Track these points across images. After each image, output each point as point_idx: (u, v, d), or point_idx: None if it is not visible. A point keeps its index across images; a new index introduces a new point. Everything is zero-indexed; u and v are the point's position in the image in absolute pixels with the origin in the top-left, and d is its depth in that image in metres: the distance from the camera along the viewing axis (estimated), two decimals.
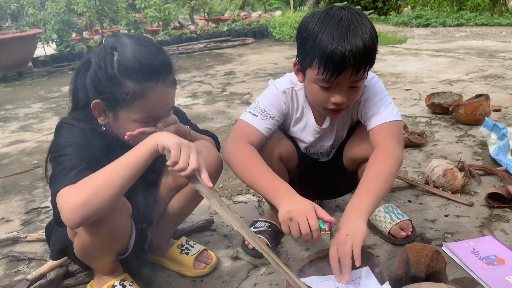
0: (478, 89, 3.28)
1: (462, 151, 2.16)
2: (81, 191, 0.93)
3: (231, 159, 1.26)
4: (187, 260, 1.34)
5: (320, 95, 1.21)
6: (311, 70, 1.17)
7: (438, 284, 0.85)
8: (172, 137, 0.95)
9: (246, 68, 4.83)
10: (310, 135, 1.40)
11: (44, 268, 1.32)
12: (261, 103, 1.32)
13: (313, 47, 1.12)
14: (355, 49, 1.09)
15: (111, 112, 1.06)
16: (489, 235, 1.45)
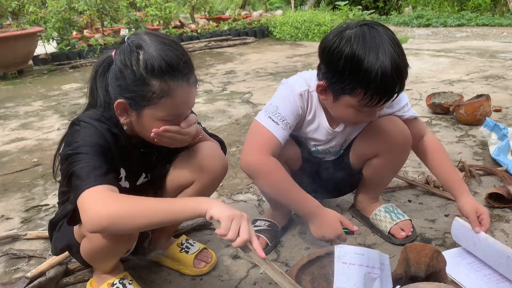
0: (479, 89, 3.28)
1: (463, 151, 2.16)
2: (111, 207, 0.92)
3: (258, 175, 1.25)
4: (186, 258, 1.34)
5: (355, 117, 1.21)
6: (350, 97, 1.14)
7: (437, 284, 0.84)
8: (225, 210, 0.92)
9: (247, 67, 4.83)
10: (322, 137, 1.38)
11: (43, 266, 1.32)
12: (281, 109, 1.27)
13: (358, 76, 1.09)
14: (400, 71, 1.09)
15: (135, 111, 1.05)
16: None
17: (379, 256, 1.04)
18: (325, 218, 1.24)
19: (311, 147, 1.45)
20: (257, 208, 1.73)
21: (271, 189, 1.26)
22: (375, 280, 1.00)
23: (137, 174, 1.22)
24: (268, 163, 1.22)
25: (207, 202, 0.95)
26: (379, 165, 1.42)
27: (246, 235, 0.92)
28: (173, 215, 0.95)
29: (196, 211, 0.94)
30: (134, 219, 0.93)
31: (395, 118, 1.37)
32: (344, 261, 1.00)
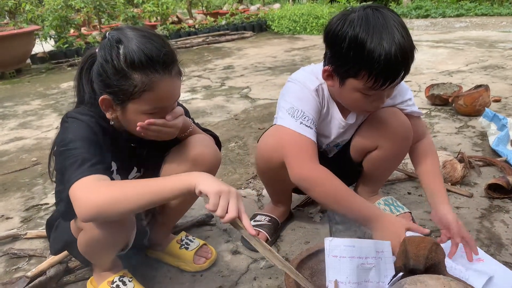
0: (478, 79, 3.27)
1: (462, 142, 2.15)
2: (102, 193, 0.94)
3: (314, 186, 1.21)
4: (186, 255, 1.35)
5: (362, 102, 1.19)
6: (355, 80, 1.13)
7: (437, 276, 0.84)
8: (212, 184, 0.93)
9: (245, 62, 4.82)
10: (334, 130, 1.36)
11: (44, 265, 1.32)
12: (307, 112, 1.24)
13: (361, 58, 1.07)
14: (405, 53, 1.07)
15: (119, 106, 1.05)
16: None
17: (374, 245, 1.04)
18: (389, 224, 1.16)
19: (322, 145, 1.43)
20: (257, 203, 1.73)
21: (328, 198, 1.21)
22: (370, 270, 1.00)
23: (129, 168, 1.22)
24: (321, 173, 1.20)
25: (196, 177, 0.96)
26: (379, 158, 1.41)
27: (234, 213, 0.92)
28: (162, 194, 0.95)
29: (185, 187, 0.95)
30: (123, 203, 0.93)
31: (397, 110, 1.35)
32: (334, 255, 1.00)
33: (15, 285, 1.27)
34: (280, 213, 1.54)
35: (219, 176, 1.98)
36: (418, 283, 0.82)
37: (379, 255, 1.03)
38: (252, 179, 1.93)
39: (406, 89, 1.37)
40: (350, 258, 1.00)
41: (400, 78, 1.12)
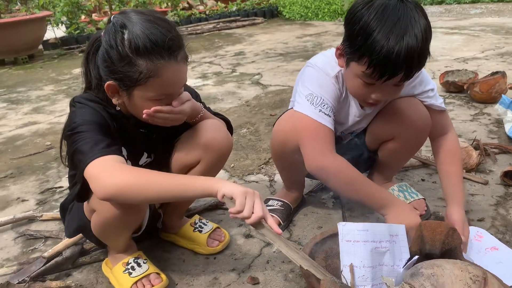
0: (494, 66, 3.20)
1: (477, 130, 2.12)
2: (126, 175, 0.95)
3: (329, 175, 1.21)
4: (200, 238, 1.35)
5: (361, 89, 1.17)
6: (357, 65, 1.11)
7: (453, 261, 0.84)
8: (237, 187, 0.94)
9: (256, 48, 4.78)
10: (351, 118, 1.35)
11: (59, 246, 1.34)
12: (327, 100, 1.22)
13: (366, 44, 1.05)
14: (410, 55, 1.03)
15: (125, 92, 1.05)
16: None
17: (388, 229, 1.03)
18: (402, 207, 1.17)
19: (337, 132, 1.40)
20: (269, 189, 1.73)
21: (344, 187, 1.22)
22: (384, 254, 1.00)
23: (139, 153, 1.22)
24: (336, 162, 1.20)
25: (219, 181, 0.96)
26: (395, 148, 1.39)
27: (261, 212, 0.93)
28: (183, 191, 0.96)
29: (207, 190, 0.95)
30: (144, 190, 0.94)
31: (416, 101, 1.32)
32: (348, 239, 0.99)
33: (32, 265, 1.29)
34: (292, 198, 1.54)
35: (231, 162, 1.98)
36: (435, 267, 0.81)
37: (393, 238, 1.02)
38: (264, 164, 1.93)
39: (427, 79, 1.33)
40: (364, 242, 0.99)
41: (400, 77, 1.08)
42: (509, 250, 1.29)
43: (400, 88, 1.17)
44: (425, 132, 1.35)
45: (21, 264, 1.33)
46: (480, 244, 1.31)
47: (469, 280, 0.78)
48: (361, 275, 0.95)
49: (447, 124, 1.37)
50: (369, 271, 0.96)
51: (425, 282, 0.79)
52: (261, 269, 1.26)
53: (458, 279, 0.78)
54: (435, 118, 1.34)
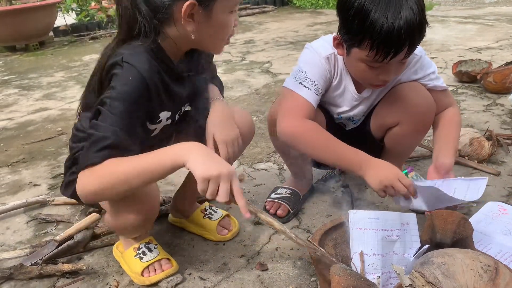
0: (509, 56, 3.15)
1: (490, 120, 2.09)
2: (96, 182, 0.94)
3: (298, 139, 1.21)
4: (210, 224, 1.36)
5: (367, 73, 1.17)
6: (359, 50, 1.11)
7: (465, 250, 0.83)
8: (201, 166, 0.89)
9: (266, 36, 4.75)
10: (347, 102, 1.35)
11: (71, 230, 1.36)
12: (310, 75, 1.24)
13: (364, 27, 1.05)
14: (411, 28, 1.03)
15: (204, 10, 0.93)
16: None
17: (399, 217, 1.03)
18: (379, 164, 1.16)
19: (334, 115, 1.42)
20: (278, 177, 1.73)
21: (315, 150, 1.21)
22: (395, 242, 1.00)
23: (180, 106, 1.16)
24: (306, 125, 1.20)
25: (185, 153, 0.91)
26: (401, 134, 1.38)
27: (224, 198, 0.90)
28: (151, 175, 0.93)
29: (175, 165, 0.91)
30: (116, 188, 0.94)
31: (419, 86, 1.32)
32: (358, 227, 0.99)
33: (44, 247, 1.32)
34: (301, 186, 1.54)
35: None
36: (446, 256, 0.81)
37: (404, 227, 1.02)
38: (273, 153, 1.93)
39: (428, 63, 1.33)
40: (375, 231, 0.99)
41: (404, 53, 1.08)
42: None
43: (405, 63, 1.18)
44: (430, 116, 1.35)
45: (34, 247, 1.35)
46: (509, 216, 1.34)
47: (480, 269, 0.77)
48: (371, 263, 0.95)
49: (450, 102, 1.39)
50: (379, 259, 0.96)
51: (435, 271, 0.78)
52: (270, 255, 1.27)
53: (469, 268, 0.77)
54: (438, 98, 1.34)
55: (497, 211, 1.38)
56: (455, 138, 1.34)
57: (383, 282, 0.95)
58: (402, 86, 1.32)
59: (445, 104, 1.37)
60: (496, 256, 1.18)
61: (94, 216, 1.41)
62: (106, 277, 1.23)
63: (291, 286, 1.14)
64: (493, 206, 1.40)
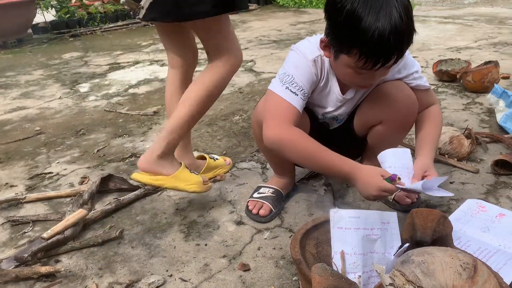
0: (487, 56, 3.21)
1: (469, 119, 2.13)
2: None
3: (284, 147, 1.19)
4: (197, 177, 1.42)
5: (354, 77, 1.17)
6: (347, 57, 1.10)
7: (444, 248, 0.84)
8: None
9: (249, 35, 4.74)
10: (331, 103, 1.35)
11: (59, 227, 1.33)
12: (297, 79, 1.23)
13: (354, 35, 1.04)
14: (401, 38, 1.03)
15: None
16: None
17: (380, 216, 1.03)
18: (363, 176, 1.15)
19: (318, 115, 1.42)
20: (261, 176, 1.72)
21: (302, 158, 1.20)
22: (375, 241, 1.00)
23: None
24: (292, 134, 1.19)
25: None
26: (383, 132, 1.39)
27: None
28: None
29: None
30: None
31: (402, 84, 1.33)
32: (339, 226, 0.99)
33: (32, 245, 1.28)
34: (284, 185, 1.54)
35: (223, 149, 1.97)
36: (425, 255, 0.81)
37: (385, 226, 1.02)
38: (256, 152, 1.92)
39: (412, 62, 1.34)
40: (356, 230, 0.99)
41: (393, 60, 1.09)
42: None
43: (390, 67, 1.17)
44: (413, 114, 1.36)
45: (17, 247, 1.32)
46: (487, 214, 1.37)
47: (459, 267, 0.78)
48: (352, 262, 0.95)
49: (432, 100, 1.40)
50: (360, 258, 0.96)
51: (415, 270, 0.79)
52: (252, 255, 1.26)
53: (448, 266, 0.78)
54: (421, 97, 1.35)
55: (476, 208, 1.40)
56: (436, 136, 1.35)
57: (364, 281, 0.95)
58: (386, 84, 1.32)
59: (427, 102, 1.38)
60: (475, 253, 1.20)
61: (82, 212, 1.39)
62: (84, 279, 1.21)
63: (273, 286, 1.13)
64: (472, 203, 1.42)
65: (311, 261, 1.01)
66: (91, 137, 2.24)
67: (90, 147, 2.10)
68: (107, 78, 3.36)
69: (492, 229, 1.30)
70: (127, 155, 1.98)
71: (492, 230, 1.29)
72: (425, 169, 1.23)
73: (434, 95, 1.43)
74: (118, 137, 2.21)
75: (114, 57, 4.07)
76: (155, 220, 1.47)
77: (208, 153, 1.83)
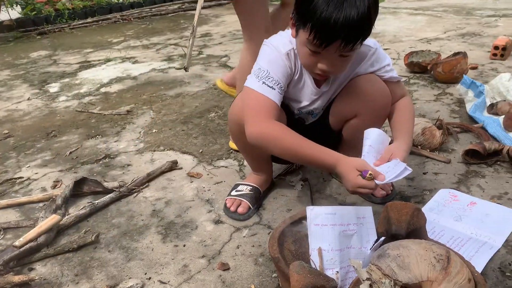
0: (456, 47, 3.28)
1: (440, 109, 2.17)
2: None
3: (268, 143, 1.19)
4: None
5: (309, 58, 1.18)
6: (303, 32, 1.12)
7: (419, 241, 0.86)
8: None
9: (223, 29, 4.70)
10: (307, 97, 1.36)
11: (31, 234, 1.30)
12: (273, 73, 1.23)
13: (308, 10, 1.06)
14: (348, 23, 1.03)
15: None
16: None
17: (355, 211, 1.04)
18: (343, 171, 1.13)
19: (294, 110, 1.42)
20: (239, 173, 1.72)
21: (285, 152, 1.20)
22: (351, 236, 1.02)
23: None
24: (274, 128, 1.19)
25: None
26: (358, 125, 1.41)
27: None
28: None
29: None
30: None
31: (375, 77, 1.35)
32: (316, 223, 1.00)
33: (3, 253, 1.24)
34: (261, 182, 1.54)
35: (199, 147, 1.96)
36: (400, 248, 0.83)
37: (361, 221, 1.04)
38: (233, 149, 1.91)
39: (383, 55, 1.36)
40: (332, 226, 1.00)
41: (338, 47, 1.09)
42: (485, 202, 1.41)
43: (347, 60, 1.18)
44: (386, 107, 1.38)
45: None
46: (460, 203, 1.42)
47: (433, 259, 0.80)
48: (329, 258, 0.96)
49: (404, 92, 1.43)
50: (337, 254, 0.97)
51: (391, 263, 0.80)
52: (231, 254, 1.26)
53: (423, 259, 0.80)
54: (392, 89, 1.38)
55: (448, 198, 1.44)
56: (411, 125, 1.37)
57: (342, 276, 0.96)
58: (359, 78, 1.34)
59: (399, 94, 1.41)
60: (448, 242, 1.23)
61: (56, 218, 1.35)
62: (60, 287, 1.18)
63: (253, 285, 1.13)
64: (445, 193, 1.46)
65: (290, 259, 1.01)
66: (63, 139, 2.18)
67: (62, 150, 2.05)
68: (77, 77, 3.27)
69: (464, 217, 1.34)
70: (101, 156, 1.94)
71: (464, 219, 1.33)
72: (391, 151, 1.22)
73: (404, 87, 1.45)
74: (91, 138, 2.16)
75: (84, 55, 3.97)
76: (131, 222, 1.44)
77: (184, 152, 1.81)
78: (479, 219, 1.32)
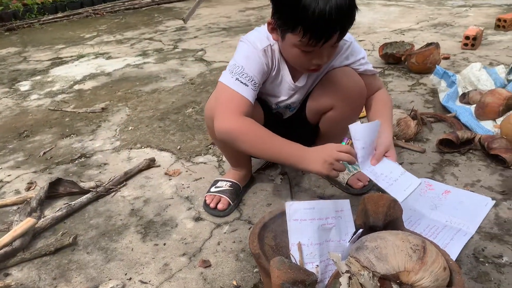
0: (429, 37, 3.34)
1: (414, 100, 2.22)
2: None
3: (236, 138, 1.18)
4: None
5: (302, 58, 1.17)
6: (292, 35, 1.11)
7: (396, 232, 0.87)
8: None
9: (198, 22, 4.65)
10: (284, 91, 1.36)
11: (6, 239, 1.26)
12: (247, 70, 1.22)
13: (297, 12, 1.04)
14: (342, 13, 1.04)
15: None
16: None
17: (334, 205, 1.06)
18: (316, 149, 1.15)
19: (272, 105, 1.42)
20: (218, 169, 1.71)
21: (253, 147, 1.19)
22: (331, 229, 1.03)
23: None
24: (243, 124, 1.18)
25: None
26: (335, 117, 1.42)
27: None
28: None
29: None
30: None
31: (350, 70, 1.36)
32: (295, 218, 1.01)
33: None
34: (241, 177, 1.54)
35: (177, 144, 1.94)
36: (378, 240, 0.84)
37: (339, 214, 1.05)
38: (212, 145, 1.90)
39: (358, 49, 1.38)
40: (311, 220, 1.01)
41: (336, 37, 1.10)
42: (458, 190, 1.45)
43: (336, 47, 1.19)
44: (362, 99, 1.40)
45: None
46: (435, 192, 1.45)
47: (410, 249, 0.81)
48: (309, 253, 0.97)
49: (379, 85, 1.45)
50: (317, 248, 0.98)
51: (369, 255, 0.81)
52: (212, 251, 1.26)
53: (399, 250, 0.81)
54: (368, 82, 1.39)
55: (424, 187, 1.47)
56: (391, 115, 1.40)
57: (322, 270, 0.97)
58: (334, 71, 1.35)
59: (375, 87, 1.43)
60: (425, 230, 1.26)
61: (31, 221, 1.32)
62: None
63: (235, 280, 1.14)
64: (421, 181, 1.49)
65: (270, 254, 1.02)
66: (36, 139, 2.13)
67: (35, 150, 2.00)
68: (49, 75, 3.18)
69: (439, 206, 1.37)
70: (76, 156, 1.90)
71: (439, 207, 1.36)
72: (387, 148, 1.23)
73: (380, 80, 1.48)
74: (65, 137, 2.11)
75: (56, 52, 3.86)
76: (110, 222, 1.42)
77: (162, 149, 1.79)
78: (454, 207, 1.36)
